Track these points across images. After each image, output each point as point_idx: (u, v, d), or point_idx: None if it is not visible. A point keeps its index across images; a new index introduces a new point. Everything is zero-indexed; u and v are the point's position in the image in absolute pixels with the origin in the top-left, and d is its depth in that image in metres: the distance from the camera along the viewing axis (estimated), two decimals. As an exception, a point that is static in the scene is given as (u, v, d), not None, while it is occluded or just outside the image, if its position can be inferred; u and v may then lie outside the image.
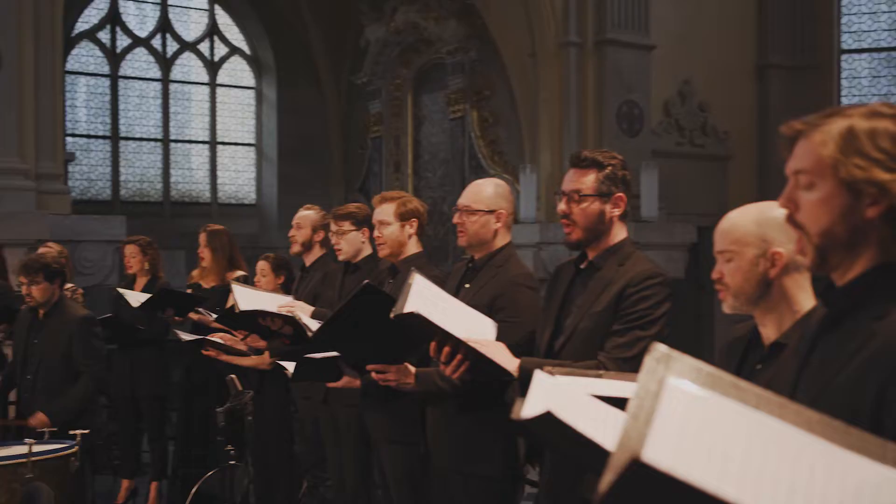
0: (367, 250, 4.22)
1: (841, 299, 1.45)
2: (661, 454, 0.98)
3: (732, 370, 1.95)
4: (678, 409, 1.04)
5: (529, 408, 1.71)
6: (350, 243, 4.18)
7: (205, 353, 4.90)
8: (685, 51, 8.99)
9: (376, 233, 3.71)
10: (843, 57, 9.85)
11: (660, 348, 1.09)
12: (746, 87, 9.64)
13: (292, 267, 5.13)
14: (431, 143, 10.67)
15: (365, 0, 10.81)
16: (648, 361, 1.07)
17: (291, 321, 4.02)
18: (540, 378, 1.90)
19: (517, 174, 8.79)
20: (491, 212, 3.10)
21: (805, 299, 1.92)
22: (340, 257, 4.25)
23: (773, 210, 1.87)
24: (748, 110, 9.60)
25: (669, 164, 8.66)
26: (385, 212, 3.68)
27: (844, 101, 9.64)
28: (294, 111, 12.16)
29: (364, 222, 4.19)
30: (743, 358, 2.00)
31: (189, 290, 5.66)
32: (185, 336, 5.17)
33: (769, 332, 1.95)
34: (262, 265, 5.05)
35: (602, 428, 1.67)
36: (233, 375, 4.70)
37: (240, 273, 5.47)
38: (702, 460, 1.00)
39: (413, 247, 3.71)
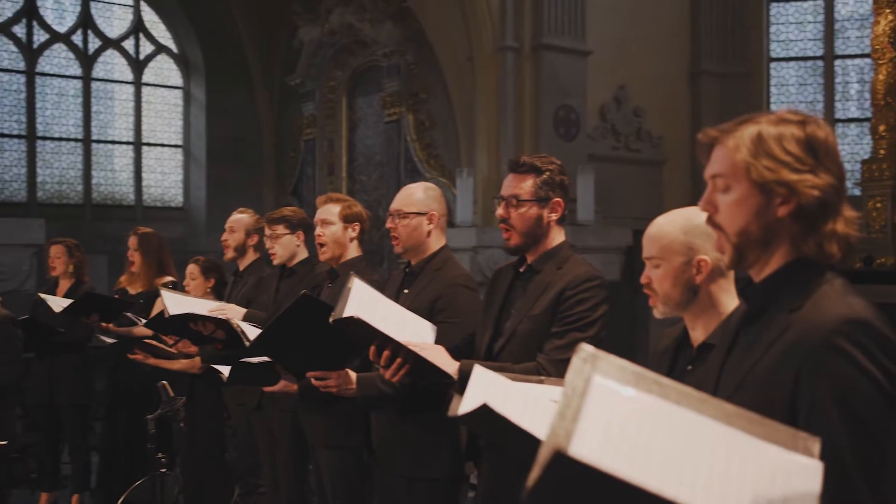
0: (303, 254, 4.19)
1: (759, 294, 1.54)
2: (587, 449, 1.03)
3: (664, 373, 1.98)
4: (604, 407, 1.09)
5: (466, 404, 1.72)
6: (284, 247, 4.14)
7: (131, 356, 4.78)
8: (621, 57, 9.11)
9: (318, 230, 3.69)
10: (772, 65, 10.14)
11: (586, 349, 1.13)
12: (680, 93, 9.82)
13: (223, 270, 5.03)
14: (366, 146, 10.58)
15: (298, 0, 10.69)
16: (575, 361, 1.11)
17: (224, 325, 3.94)
18: (479, 373, 1.91)
19: (454, 178, 8.79)
20: (423, 214, 3.11)
21: (730, 301, 1.98)
22: (275, 261, 4.20)
23: (699, 217, 1.92)
24: (682, 116, 9.78)
25: (605, 169, 8.77)
26: (330, 211, 3.67)
27: (773, 107, 9.90)
28: (224, 112, 11.91)
29: (299, 226, 4.16)
30: (674, 361, 2.05)
31: (116, 296, 5.49)
32: (110, 340, 5.02)
33: (698, 335, 2.00)
34: (191, 268, 4.94)
35: (538, 421, 1.69)
36: (164, 382, 4.60)
37: (168, 279, 5.33)
38: (626, 454, 1.06)
39: (353, 251, 3.72)
